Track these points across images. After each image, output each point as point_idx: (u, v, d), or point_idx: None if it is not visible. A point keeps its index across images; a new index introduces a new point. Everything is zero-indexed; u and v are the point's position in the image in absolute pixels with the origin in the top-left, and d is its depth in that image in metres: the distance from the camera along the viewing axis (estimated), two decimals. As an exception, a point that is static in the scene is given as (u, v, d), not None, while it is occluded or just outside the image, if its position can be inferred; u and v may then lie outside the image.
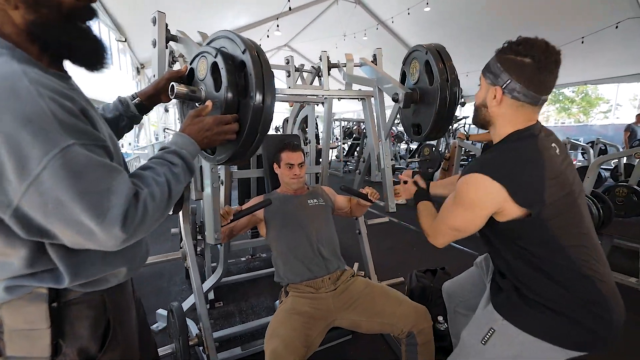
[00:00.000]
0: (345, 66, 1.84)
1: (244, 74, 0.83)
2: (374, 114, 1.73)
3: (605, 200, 2.54)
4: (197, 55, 0.94)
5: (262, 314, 2.00)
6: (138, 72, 5.90)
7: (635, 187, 2.93)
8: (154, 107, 1.02)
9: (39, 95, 0.47)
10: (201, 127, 0.75)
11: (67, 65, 0.64)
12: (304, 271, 1.36)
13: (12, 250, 0.53)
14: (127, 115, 0.91)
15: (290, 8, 5.24)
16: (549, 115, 20.12)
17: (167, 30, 1.31)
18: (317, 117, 5.14)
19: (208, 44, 0.95)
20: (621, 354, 1.75)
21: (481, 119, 0.96)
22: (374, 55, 1.79)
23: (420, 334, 1.20)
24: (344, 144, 8.58)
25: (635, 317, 1.98)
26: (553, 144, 0.90)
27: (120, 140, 1.09)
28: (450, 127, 7.58)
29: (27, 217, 0.48)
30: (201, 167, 1.28)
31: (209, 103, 0.81)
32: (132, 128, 1.01)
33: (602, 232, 2.77)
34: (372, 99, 1.74)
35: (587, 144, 5.18)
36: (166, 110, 6.58)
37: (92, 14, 0.62)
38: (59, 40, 0.58)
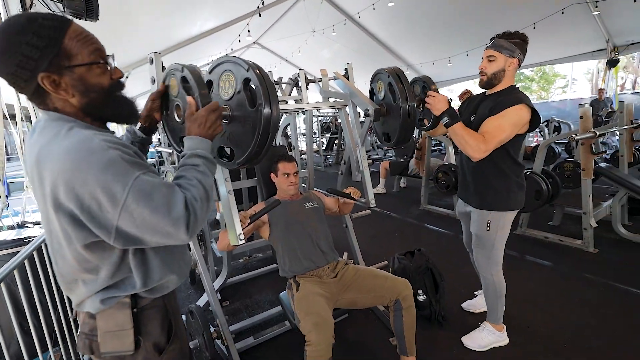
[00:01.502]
0: (321, 81, 2.05)
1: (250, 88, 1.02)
2: (350, 122, 1.96)
3: (554, 177, 2.94)
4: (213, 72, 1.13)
5: (266, 307, 2.23)
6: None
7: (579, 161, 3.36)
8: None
9: (107, 147, 0.66)
10: (200, 122, 0.86)
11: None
12: (309, 263, 1.61)
13: (102, 264, 0.74)
14: (137, 140, 1.07)
15: (260, 15, 5.33)
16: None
17: (163, 68, 1.47)
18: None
19: (213, 68, 1.14)
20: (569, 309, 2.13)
21: (496, 80, 1.51)
22: (346, 70, 2.01)
23: (404, 300, 1.49)
24: (322, 138, 8.80)
25: (581, 274, 2.40)
26: None
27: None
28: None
29: (125, 232, 0.68)
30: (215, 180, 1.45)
31: (189, 99, 0.89)
32: (148, 150, 1.19)
33: (554, 203, 3.19)
34: (347, 107, 1.96)
35: (542, 122, 5.65)
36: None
37: (123, 86, 0.82)
38: (105, 113, 0.79)
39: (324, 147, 8.66)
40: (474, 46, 7.08)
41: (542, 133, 5.63)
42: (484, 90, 1.62)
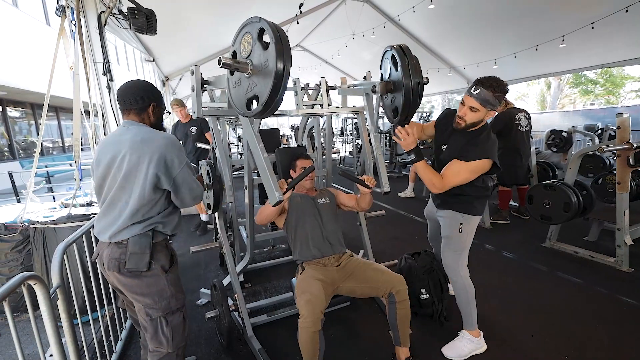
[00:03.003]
0: (340, 87, 2.22)
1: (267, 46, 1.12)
2: (367, 125, 2.09)
3: (588, 189, 2.78)
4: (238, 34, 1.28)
5: (283, 291, 2.46)
6: (163, 84, 6.54)
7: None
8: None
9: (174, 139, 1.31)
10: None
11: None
12: (316, 252, 1.80)
13: (155, 203, 1.29)
14: None
15: (297, 22, 5.61)
16: (575, 98, 19.30)
17: (202, 78, 1.75)
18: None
19: (235, 39, 1.30)
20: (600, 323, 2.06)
21: (473, 127, 1.60)
22: (364, 78, 2.16)
23: (397, 294, 1.60)
24: (357, 140, 8.88)
25: (613, 295, 2.26)
26: None
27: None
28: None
29: (176, 184, 1.27)
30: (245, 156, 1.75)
31: None
32: None
33: (589, 217, 3.01)
34: (365, 112, 2.10)
35: (595, 131, 5.21)
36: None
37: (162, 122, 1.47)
38: (160, 126, 1.42)
39: (358, 149, 8.73)
40: (522, 48, 6.71)
41: (592, 142, 5.19)
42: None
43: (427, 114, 8.65)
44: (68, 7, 2.34)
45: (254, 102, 1.26)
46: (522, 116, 3.59)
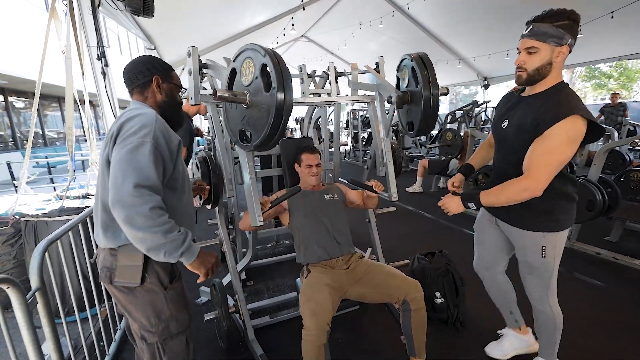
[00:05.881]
0: (350, 74, 2.05)
1: (267, 73, 1.07)
2: (378, 117, 1.94)
3: (613, 186, 2.61)
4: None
5: (286, 290, 2.33)
6: (166, 73, 6.43)
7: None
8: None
9: (159, 124, 1.00)
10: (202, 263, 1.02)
11: None
12: (323, 253, 1.65)
13: None
14: None
15: (303, 8, 5.39)
16: (586, 92, 18.81)
17: (199, 60, 1.60)
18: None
19: (237, 56, 1.23)
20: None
21: (540, 77, 1.18)
22: (377, 63, 1.99)
23: (412, 302, 1.46)
24: (363, 132, 8.70)
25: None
26: None
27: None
28: (470, 111, 7.52)
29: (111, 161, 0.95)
30: (239, 164, 1.54)
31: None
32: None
33: (612, 216, 2.83)
34: (375, 102, 1.95)
35: (614, 125, 4.98)
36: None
37: (181, 103, 1.23)
38: (169, 112, 1.15)
39: (364, 142, 8.55)
40: (536, 38, 6.44)
41: (610, 140, 4.96)
42: (520, 87, 1.33)
43: None
44: (59, -14, 2.19)
45: (248, 135, 1.22)
46: None
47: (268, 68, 1.07)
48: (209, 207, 1.81)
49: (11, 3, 7.22)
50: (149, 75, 1.11)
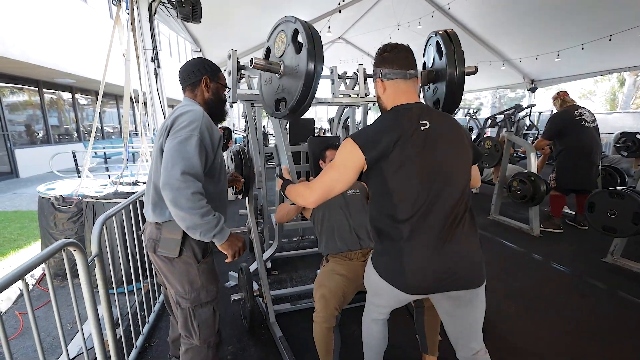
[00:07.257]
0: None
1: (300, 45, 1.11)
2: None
3: None
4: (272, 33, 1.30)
5: (308, 282, 2.44)
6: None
7: None
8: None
9: (205, 120, 1.15)
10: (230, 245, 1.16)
11: None
12: (342, 245, 1.73)
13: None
14: None
15: (340, 11, 5.49)
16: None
17: (238, 62, 1.76)
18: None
19: (270, 35, 1.32)
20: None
21: (381, 109, 1.16)
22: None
23: (426, 299, 1.48)
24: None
25: None
26: (425, 121, 1.03)
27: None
28: (512, 116, 7.11)
29: (164, 150, 1.10)
30: (276, 147, 1.68)
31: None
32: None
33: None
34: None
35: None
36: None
37: (225, 100, 1.38)
38: (214, 108, 1.32)
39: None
40: (592, 38, 5.95)
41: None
42: None
43: (475, 111, 8.05)
44: (123, -3, 2.49)
45: (283, 103, 1.27)
46: (583, 111, 3.19)
47: (299, 32, 1.11)
48: (240, 196, 1.97)
49: (79, 11, 8.14)
50: (199, 75, 1.27)
